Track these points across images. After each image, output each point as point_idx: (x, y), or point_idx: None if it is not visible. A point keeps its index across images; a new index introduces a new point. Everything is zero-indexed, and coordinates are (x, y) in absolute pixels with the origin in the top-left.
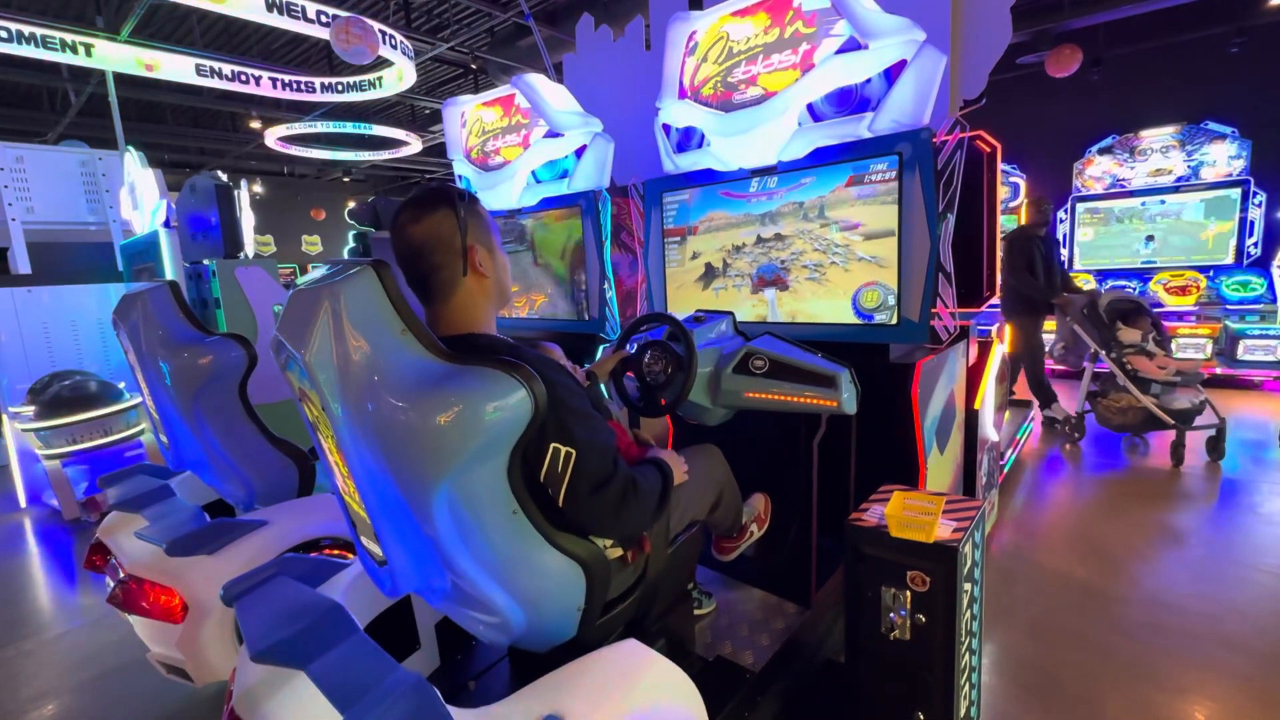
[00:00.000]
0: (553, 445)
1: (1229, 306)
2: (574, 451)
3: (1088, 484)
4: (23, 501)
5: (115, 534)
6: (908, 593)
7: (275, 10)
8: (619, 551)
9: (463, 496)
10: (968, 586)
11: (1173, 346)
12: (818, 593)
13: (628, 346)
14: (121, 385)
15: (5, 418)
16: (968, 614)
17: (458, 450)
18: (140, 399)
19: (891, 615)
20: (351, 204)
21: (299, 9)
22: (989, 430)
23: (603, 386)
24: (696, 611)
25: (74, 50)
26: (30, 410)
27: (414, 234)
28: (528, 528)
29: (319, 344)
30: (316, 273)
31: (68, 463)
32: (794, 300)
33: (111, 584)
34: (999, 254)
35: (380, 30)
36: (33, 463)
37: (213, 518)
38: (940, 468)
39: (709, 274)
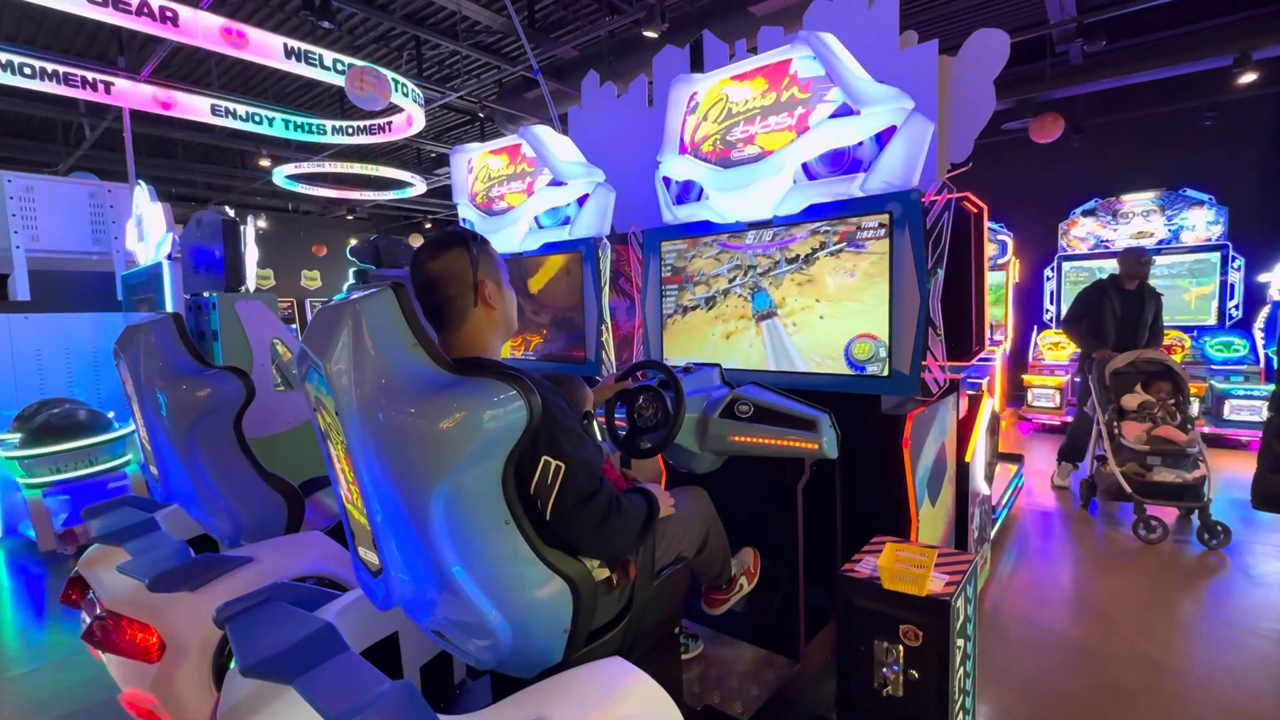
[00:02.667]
0: (544, 458)
1: (1214, 366)
2: (563, 465)
3: (1081, 541)
4: None
5: (95, 567)
6: (900, 647)
7: (293, 58)
8: (605, 573)
9: (459, 501)
10: (960, 642)
11: (1190, 416)
12: (806, 646)
13: (628, 382)
14: (110, 415)
15: None
16: (961, 671)
17: (456, 453)
18: (129, 429)
19: (884, 670)
20: (353, 241)
21: (316, 57)
22: (980, 483)
23: (596, 426)
24: (684, 656)
25: (94, 87)
26: (15, 437)
27: (431, 268)
28: (519, 539)
29: (339, 354)
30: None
31: (48, 493)
32: (797, 311)
33: (88, 620)
34: (988, 310)
35: (393, 79)
36: (13, 492)
37: (197, 553)
38: (932, 520)
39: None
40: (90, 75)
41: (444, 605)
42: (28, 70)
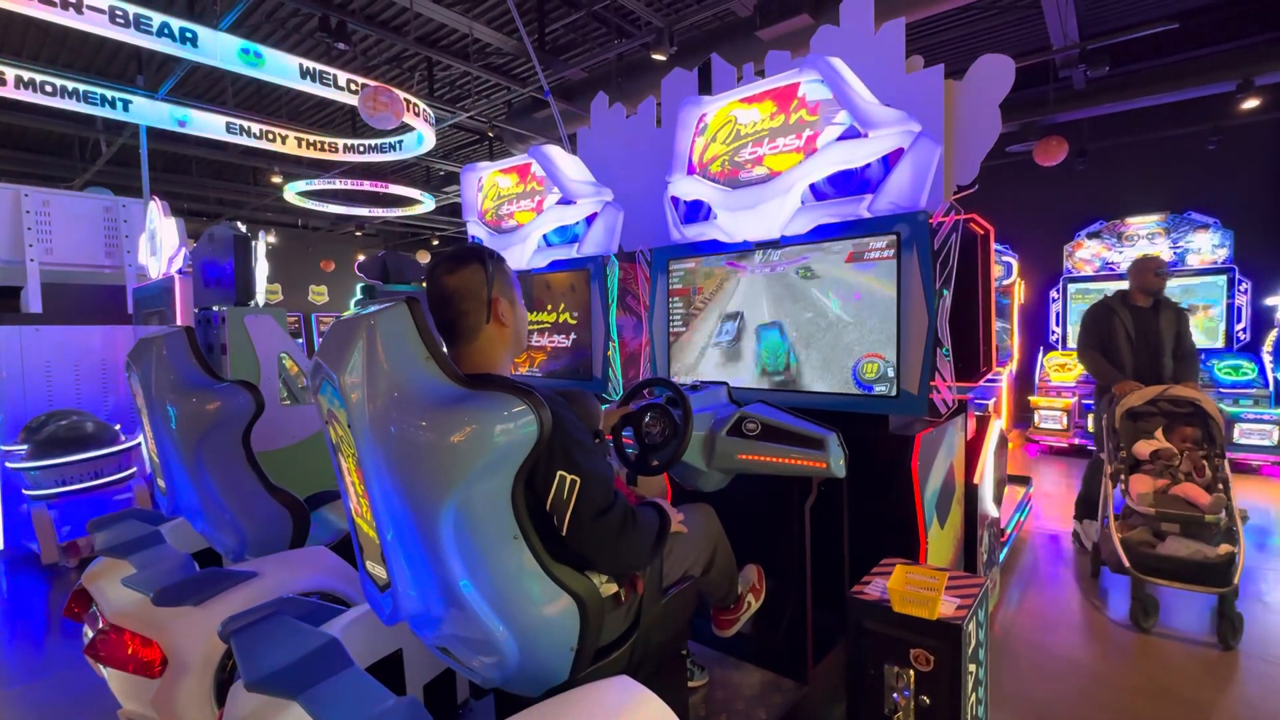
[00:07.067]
0: (559, 473)
1: (1222, 390)
2: (579, 479)
3: (1094, 566)
4: (0, 544)
5: (100, 580)
6: (911, 672)
7: (309, 77)
8: (613, 588)
9: (468, 515)
10: (972, 668)
11: (1225, 474)
12: (815, 669)
13: (631, 406)
14: (117, 427)
15: None
16: (973, 697)
17: (466, 466)
18: (135, 442)
19: (895, 695)
20: (361, 257)
21: (331, 77)
22: (989, 506)
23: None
24: (690, 684)
25: (112, 105)
26: (23, 449)
27: (447, 283)
28: (527, 555)
29: (353, 367)
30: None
31: (52, 504)
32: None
33: (90, 634)
34: (994, 330)
35: (405, 98)
36: (18, 503)
37: (201, 567)
38: (941, 542)
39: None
40: (109, 93)
41: (451, 621)
42: (49, 88)
